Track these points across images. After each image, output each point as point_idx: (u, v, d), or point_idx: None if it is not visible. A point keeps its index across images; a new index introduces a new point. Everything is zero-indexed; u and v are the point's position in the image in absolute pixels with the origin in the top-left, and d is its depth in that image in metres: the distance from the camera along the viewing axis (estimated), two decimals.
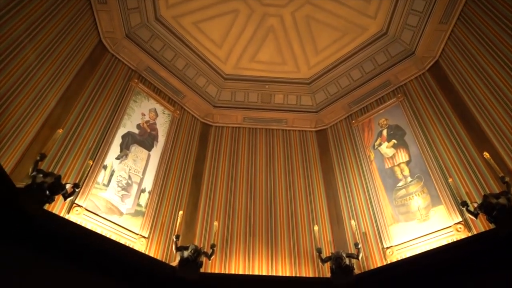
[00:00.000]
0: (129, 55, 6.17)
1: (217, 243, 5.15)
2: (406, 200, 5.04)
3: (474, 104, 4.85)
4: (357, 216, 5.46)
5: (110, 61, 5.82)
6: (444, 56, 5.76)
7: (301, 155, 6.76)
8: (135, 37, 6.21)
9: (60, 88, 4.60)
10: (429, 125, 5.40)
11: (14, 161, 3.74)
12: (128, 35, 6.09)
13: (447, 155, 4.92)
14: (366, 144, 6.14)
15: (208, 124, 7.18)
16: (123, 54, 6.08)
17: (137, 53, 6.27)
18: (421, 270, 4.16)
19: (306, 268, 5.09)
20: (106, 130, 5.12)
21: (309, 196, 6.05)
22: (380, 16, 6.31)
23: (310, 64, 7.20)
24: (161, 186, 5.46)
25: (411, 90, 6.14)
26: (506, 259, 3.62)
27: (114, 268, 4.10)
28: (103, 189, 4.67)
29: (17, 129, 3.82)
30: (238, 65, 7.26)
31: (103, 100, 5.29)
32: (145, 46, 6.37)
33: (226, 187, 6.08)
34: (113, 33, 5.83)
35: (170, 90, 6.73)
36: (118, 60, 6.00)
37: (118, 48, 5.98)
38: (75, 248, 3.81)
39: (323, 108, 7.28)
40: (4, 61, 3.69)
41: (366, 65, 6.79)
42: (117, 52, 5.97)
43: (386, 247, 4.84)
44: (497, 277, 3.64)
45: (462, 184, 4.53)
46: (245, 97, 7.39)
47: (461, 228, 4.27)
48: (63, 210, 4.10)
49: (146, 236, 4.82)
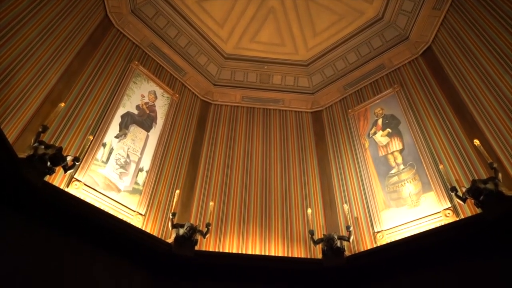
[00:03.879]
0: (133, 31, 6.32)
1: (212, 222, 5.25)
2: (398, 187, 5.17)
3: (466, 92, 4.96)
4: (349, 201, 5.58)
5: (114, 36, 5.93)
6: (437, 42, 5.92)
7: (296, 138, 6.90)
8: (140, 13, 6.36)
9: (62, 64, 4.67)
10: (423, 115, 5.52)
11: (16, 133, 3.81)
12: (133, 11, 6.25)
13: (439, 143, 5.05)
14: (361, 133, 6.25)
15: (208, 102, 7.34)
16: (128, 29, 6.24)
17: (141, 29, 6.43)
18: (410, 253, 4.27)
19: (298, 249, 5.22)
20: (106, 108, 5.19)
21: (304, 179, 6.17)
22: (376, 1, 6.47)
23: (308, 46, 7.36)
24: (159, 166, 5.55)
25: (405, 76, 6.28)
26: (492, 243, 3.74)
27: (113, 243, 4.19)
28: (102, 166, 4.75)
29: (19, 102, 3.88)
30: (239, 45, 7.41)
31: (104, 79, 5.36)
32: (149, 23, 6.52)
33: (222, 168, 6.18)
34: (119, 8, 5.98)
35: (172, 67, 6.88)
36: (122, 36, 6.13)
37: (123, 23, 6.13)
38: (75, 221, 3.89)
39: (319, 90, 7.48)
40: (6, 36, 3.74)
41: (362, 49, 6.98)
42: (122, 27, 6.12)
43: (377, 231, 4.97)
44: (484, 259, 3.75)
45: (452, 171, 4.66)
46: (244, 76, 7.56)
47: (449, 213, 4.40)
48: (63, 183, 4.17)
49: (143, 214, 4.92)
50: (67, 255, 3.77)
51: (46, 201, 3.65)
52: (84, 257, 3.91)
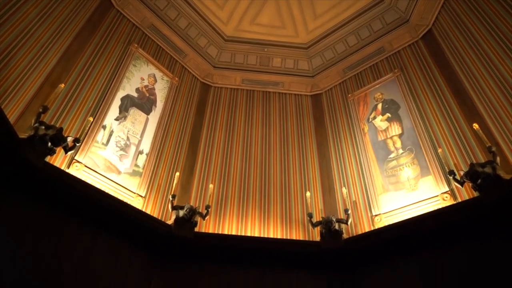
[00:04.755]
0: (133, 12, 6.27)
1: (212, 205, 5.30)
2: (396, 171, 5.20)
3: (466, 76, 4.94)
4: (348, 185, 5.62)
5: (114, 17, 5.88)
6: (437, 25, 5.89)
7: (296, 121, 6.91)
8: None
9: (62, 45, 4.63)
10: (423, 99, 5.51)
11: (16, 114, 3.81)
12: None
13: (439, 128, 5.05)
14: (361, 117, 6.25)
15: (208, 85, 7.32)
16: (128, 10, 6.19)
17: (141, 10, 6.38)
18: (407, 235, 4.32)
19: (297, 232, 5.28)
20: (106, 91, 5.17)
21: (303, 163, 6.20)
22: None
23: (309, 28, 7.32)
24: (159, 149, 5.57)
25: (405, 60, 6.25)
26: (489, 226, 3.77)
27: (113, 224, 4.23)
28: (102, 148, 4.77)
29: (19, 83, 3.88)
30: (239, 27, 7.37)
31: (103, 62, 5.32)
32: (149, 4, 6.47)
33: (222, 151, 6.20)
34: None
35: (172, 49, 6.84)
36: (122, 17, 6.09)
37: (123, 4, 6.09)
38: (75, 202, 3.92)
39: (319, 73, 7.47)
40: (4, 16, 3.72)
41: (362, 32, 6.96)
42: (122, 8, 6.07)
43: (375, 215, 5.02)
44: (481, 242, 3.79)
45: (451, 155, 4.68)
46: (244, 59, 7.54)
47: (447, 197, 4.43)
48: (63, 165, 4.19)
49: (143, 196, 4.96)
50: (67, 236, 3.79)
51: (46, 181, 3.67)
52: (84, 238, 3.94)
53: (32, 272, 3.35)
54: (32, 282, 3.32)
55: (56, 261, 3.58)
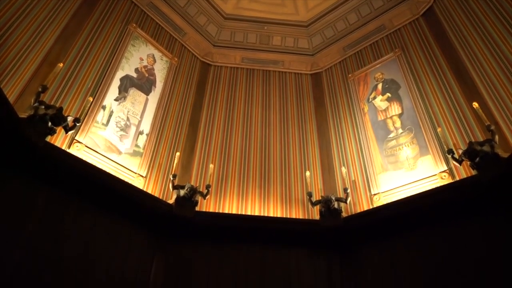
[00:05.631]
0: None
1: (212, 184, 5.34)
2: (395, 151, 5.23)
3: (467, 55, 4.92)
4: (347, 165, 5.65)
5: None
6: (439, 2, 5.83)
7: (296, 100, 6.90)
8: None
9: (59, 24, 4.58)
10: (423, 79, 5.49)
11: (15, 94, 3.80)
12: None
13: (438, 107, 5.05)
14: (361, 97, 6.23)
15: (208, 63, 7.29)
16: None
17: None
18: (405, 214, 4.38)
19: (297, 211, 5.34)
20: (105, 71, 5.14)
21: (302, 142, 6.22)
22: None
23: (309, 6, 7.24)
24: (159, 129, 5.58)
25: (406, 38, 6.20)
26: (487, 204, 3.81)
27: (114, 203, 4.29)
28: (102, 128, 4.78)
29: (17, 63, 3.87)
30: (238, 5, 7.29)
31: (102, 41, 5.27)
32: None
33: (222, 131, 6.22)
34: None
35: (171, 27, 6.78)
36: None
37: None
38: (76, 181, 3.95)
39: (319, 51, 7.43)
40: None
41: (363, 9, 6.88)
42: None
43: (374, 194, 5.07)
44: (478, 220, 3.84)
45: (450, 135, 4.70)
46: (244, 37, 7.49)
47: (445, 176, 4.47)
48: (64, 145, 4.21)
49: (144, 176, 5.00)
50: (68, 215, 3.83)
51: (47, 161, 3.69)
52: (85, 218, 3.97)
53: (33, 252, 3.39)
54: (33, 262, 3.36)
55: (57, 240, 3.62)
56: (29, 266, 3.31)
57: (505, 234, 3.60)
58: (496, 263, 3.54)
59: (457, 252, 3.85)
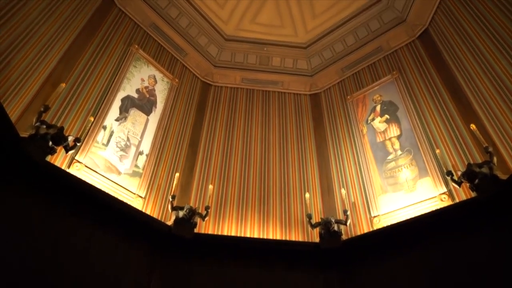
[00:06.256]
0: (135, 10, 6.35)
1: (212, 205, 5.32)
2: (395, 172, 5.23)
3: (462, 76, 4.98)
4: (347, 187, 5.65)
5: (116, 16, 5.93)
6: (434, 25, 5.96)
7: (295, 121, 6.96)
8: None
9: (63, 45, 4.65)
10: (421, 100, 5.55)
11: (17, 114, 3.82)
12: None
13: (436, 129, 5.09)
14: (360, 119, 6.29)
15: (208, 84, 7.41)
16: (130, 8, 6.26)
17: (143, 8, 6.46)
18: (405, 237, 4.35)
19: (296, 233, 5.30)
20: (107, 91, 5.20)
21: (302, 164, 6.23)
22: None
23: (307, 28, 7.43)
24: (159, 149, 5.59)
25: (402, 60, 6.31)
26: (486, 225, 3.79)
27: (112, 224, 4.25)
28: (102, 148, 4.79)
29: (20, 82, 3.90)
30: (239, 26, 7.47)
31: (104, 62, 5.34)
32: (151, 2, 6.56)
33: (222, 152, 6.23)
34: None
35: (172, 48, 6.92)
36: (124, 16, 6.14)
37: (125, 2, 6.17)
38: (75, 201, 3.94)
39: (318, 72, 7.58)
40: (6, 16, 3.75)
41: (360, 31, 7.07)
42: (124, 6, 6.14)
43: (374, 216, 5.04)
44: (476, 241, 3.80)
45: (448, 156, 4.72)
46: (244, 58, 7.64)
47: (445, 198, 4.46)
48: (64, 164, 4.21)
49: (143, 196, 4.97)
50: (66, 235, 3.79)
51: (47, 180, 3.69)
52: (83, 237, 3.93)
53: (31, 270, 3.34)
54: (28, 278, 3.31)
55: (53, 258, 3.58)
56: (24, 282, 3.26)
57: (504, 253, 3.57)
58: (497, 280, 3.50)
59: (457, 275, 3.79)
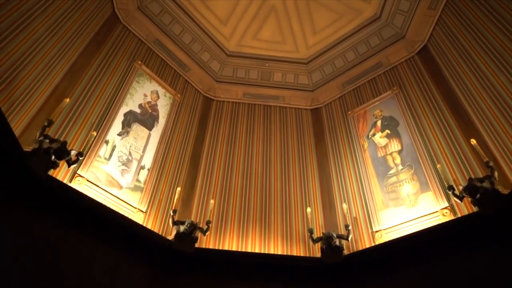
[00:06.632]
0: (139, 27, 6.51)
1: (213, 220, 5.31)
2: (396, 187, 5.23)
3: (462, 92, 5.05)
4: (348, 201, 5.63)
5: (121, 33, 6.08)
6: (432, 41, 6.07)
7: (296, 136, 7.01)
8: (146, 10, 6.57)
9: (68, 61, 4.76)
10: (421, 115, 5.59)
11: (22, 127, 3.87)
12: (140, 8, 6.48)
13: (437, 143, 5.11)
14: (361, 134, 6.32)
15: (210, 98, 7.50)
16: (134, 25, 6.43)
17: (147, 25, 6.63)
18: (408, 251, 4.33)
19: (298, 248, 5.26)
20: (110, 106, 5.26)
21: (303, 178, 6.24)
22: (374, 1, 6.71)
23: (308, 44, 7.56)
24: (160, 164, 5.61)
25: (402, 75, 6.40)
26: (488, 240, 3.78)
27: (114, 238, 4.25)
28: (105, 163, 4.82)
29: (25, 97, 3.96)
30: (241, 42, 7.62)
31: (108, 78, 5.43)
32: (155, 19, 6.73)
33: (223, 167, 6.25)
34: (126, 4, 6.20)
35: (175, 63, 7.05)
36: (128, 32, 6.29)
37: (130, 19, 6.32)
38: (77, 215, 3.95)
39: (319, 87, 7.68)
40: (15, 32, 3.83)
41: (360, 47, 7.18)
42: (128, 23, 6.30)
43: (375, 231, 5.02)
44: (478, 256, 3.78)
45: (449, 171, 4.72)
46: (246, 74, 7.76)
47: (447, 212, 4.45)
48: (66, 178, 4.23)
49: (144, 211, 4.97)
50: (68, 249, 3.80)
51: (49, 194, 3.72)
52: (84, 252, 3.93)
53: (32, 282, 3.34)
54: None
55: (55, 272, 3.58)
56: None
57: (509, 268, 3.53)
58: None
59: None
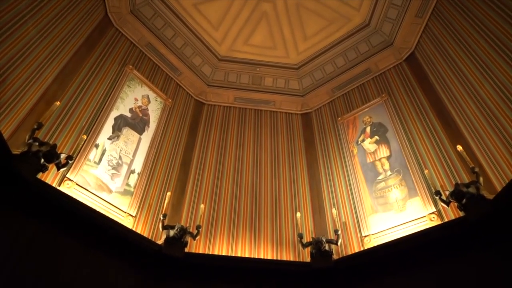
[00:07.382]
0: (132, 30, 6.53)
1: (203, 225, 5.31)
2: (385, 192, 5.29)
3: (448, 99, 5.16)
4: (338, 207, 5.68)
5: (113, 36, 6.07)
6: (420, 48, 6.21)
7: (287, 141, 7.07)
8: (138, 14, 6.60)
9: (59, 64, 4.72)
10: (409, 122, 5.69)
11: (10, 130, 3.83)
12: (132, 11, 6.50)
13: (425, 150, 5.20)
14: (350, 140, 6.39)
15: (201, 102, 7.54)
16: (127, 29, 6.44)
17: (139, 29, 6.65)
18: (396, 256, 4.37)
19: (287, 253, 5.29)
20: (100, 110, 5.24)
21: (293, 183, 6.27)
22: (363, 8, 6.83)
23: (299, 50, 7.67)
24: (150, 169, 5.60)
25: (391, 82, 6.52)
26: (474, 244, 3.85)
27: (103, 242, 4.22)
28: (94, 166, 4.79)
29: (14, 100, 3.92)
30: (232, 47, 7.69)
31: (98, 81, 5.41)
32: (147, 23, 6.75)
33: (214, 171, 6.26)
34: (119, 8, 6.21)
35: (167, 67, 7.09)
36: (120, 36, 6.29)
37: (122, 23, 6.34)
38: (65, 218, 3.92)
39: (309, 92, 7.78)
40: (5, 34, 3.81)
41: (350, 53, 7.31)
42: (120, 26, 6.31)
43: (364, 235, 5.07)
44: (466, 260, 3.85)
45: (436, 177, 4.81)
46: (237, 78, 7.83)
47: (434, 217, 4.52)
48: (55, 182, 4.20)
49: (134, 215, 4.95)
50: (55, 252, 3.76)
51: (37, 198, 3.69)
52: (72, 256, 3.90)
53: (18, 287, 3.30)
54: None
55: (43, 276, 3.54)
56: None
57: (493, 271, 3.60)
58: None
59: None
